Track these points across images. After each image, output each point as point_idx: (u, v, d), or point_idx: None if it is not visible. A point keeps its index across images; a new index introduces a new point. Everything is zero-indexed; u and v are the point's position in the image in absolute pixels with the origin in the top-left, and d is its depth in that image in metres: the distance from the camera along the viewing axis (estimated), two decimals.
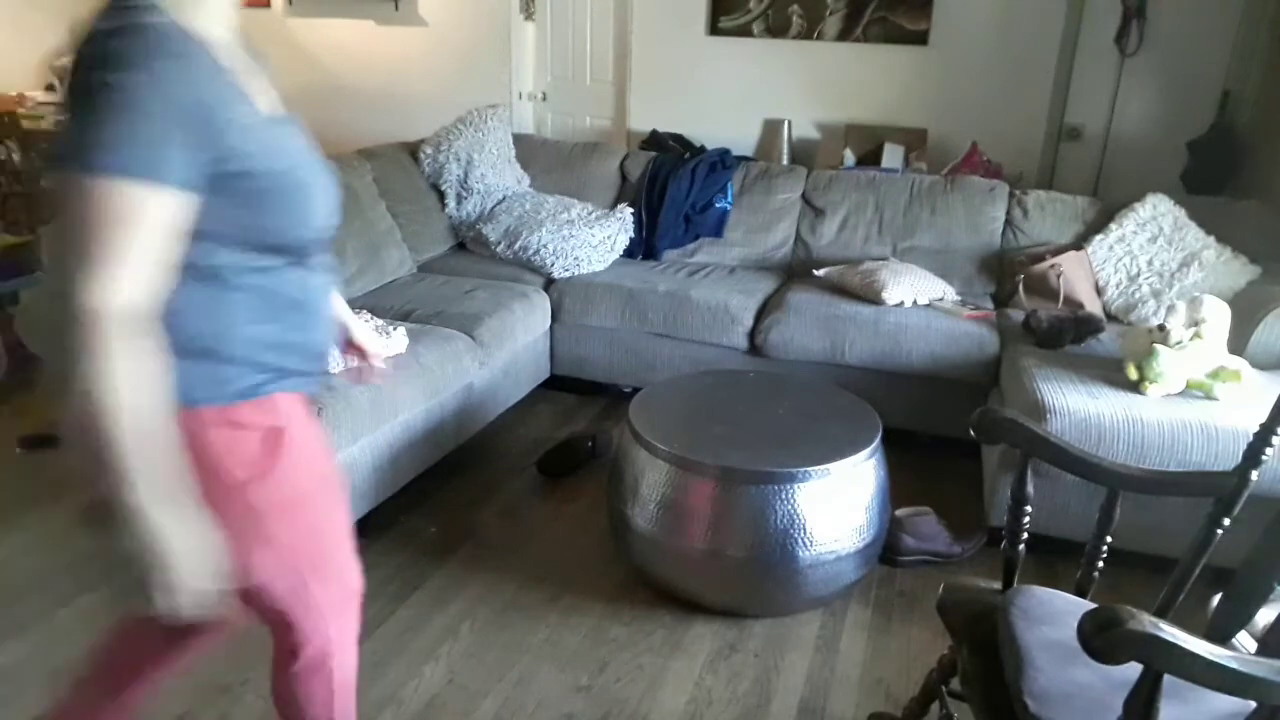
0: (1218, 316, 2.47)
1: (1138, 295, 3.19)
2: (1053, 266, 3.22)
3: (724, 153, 3.96)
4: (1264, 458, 1.38)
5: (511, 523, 2.71)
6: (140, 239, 0.97)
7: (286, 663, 1.33)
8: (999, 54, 4.29)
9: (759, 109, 4.70)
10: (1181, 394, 2.45)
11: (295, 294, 1.19)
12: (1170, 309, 2.50)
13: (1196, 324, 2.46)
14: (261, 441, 1.17)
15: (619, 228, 3.67)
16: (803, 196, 3.78)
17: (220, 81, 1.05)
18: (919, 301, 3.22)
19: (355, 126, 5.54)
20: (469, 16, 5.34)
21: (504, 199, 3.87)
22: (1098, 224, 3.40)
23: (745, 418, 2.39)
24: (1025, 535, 1.59)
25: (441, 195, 3.88)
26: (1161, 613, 1.43)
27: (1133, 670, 1.03)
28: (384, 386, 2.46)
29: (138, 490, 0.99)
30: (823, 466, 2.16)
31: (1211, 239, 3.22)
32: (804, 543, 2.14)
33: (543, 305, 3.41)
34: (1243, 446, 1.41)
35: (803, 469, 2.14)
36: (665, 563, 2.28)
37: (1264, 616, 1.41)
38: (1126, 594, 1.29)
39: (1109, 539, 1.54)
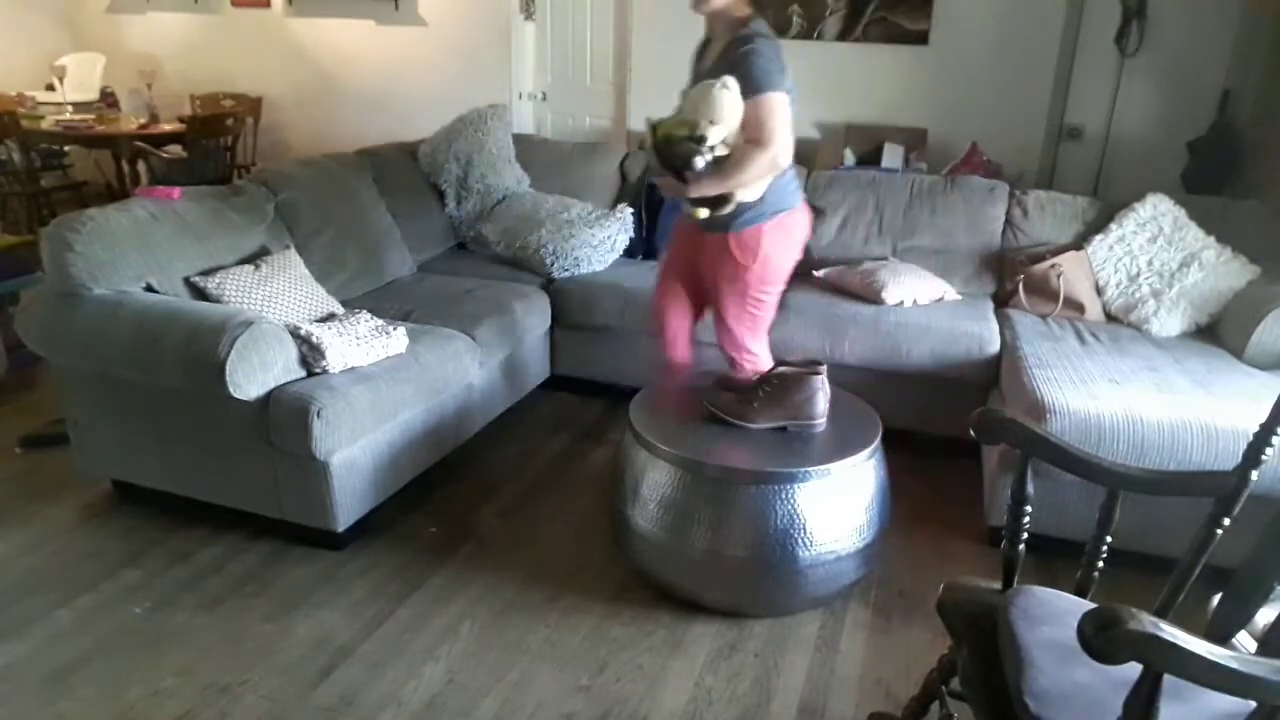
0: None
1: (1138, 295, 3.19)
2: (1053, 266, 3.23)
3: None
4: (1264, 458, 1.38)
5: (511, 523, 2.71)
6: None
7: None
8: (999, 54, 4.29)
9: None
10: None
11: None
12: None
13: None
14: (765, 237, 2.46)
15: (619, 228, 3.67)
16: None
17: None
18: (919, 301, 3.22)
19: (355, 126, 5.55)
20: (469, 16, 5.34)
21: (504, 199, 3.86)
22: (1098, 224, 3.40)
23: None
24: (1025, 535, 1.59)
25: (441, 195, 3.88)
26: (1161, 613, 1.43)
27: (1133, 670, 1.03)
28: (384, 386, 2.46)
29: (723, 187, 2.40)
30: (823, 466, 2.16)
31: (1211, 239, 3.22)
32: (804, 543, 2.14)
33: (543, 305, 3.40)
34: (1243, 446, 1.42)
35: (803, 469, 2.14)
36: (665, 563, 2.28)
37: (1264, 616, 1.41)
38: (1126, 594, 1.28)
39: (1109, 539, 1.54)
